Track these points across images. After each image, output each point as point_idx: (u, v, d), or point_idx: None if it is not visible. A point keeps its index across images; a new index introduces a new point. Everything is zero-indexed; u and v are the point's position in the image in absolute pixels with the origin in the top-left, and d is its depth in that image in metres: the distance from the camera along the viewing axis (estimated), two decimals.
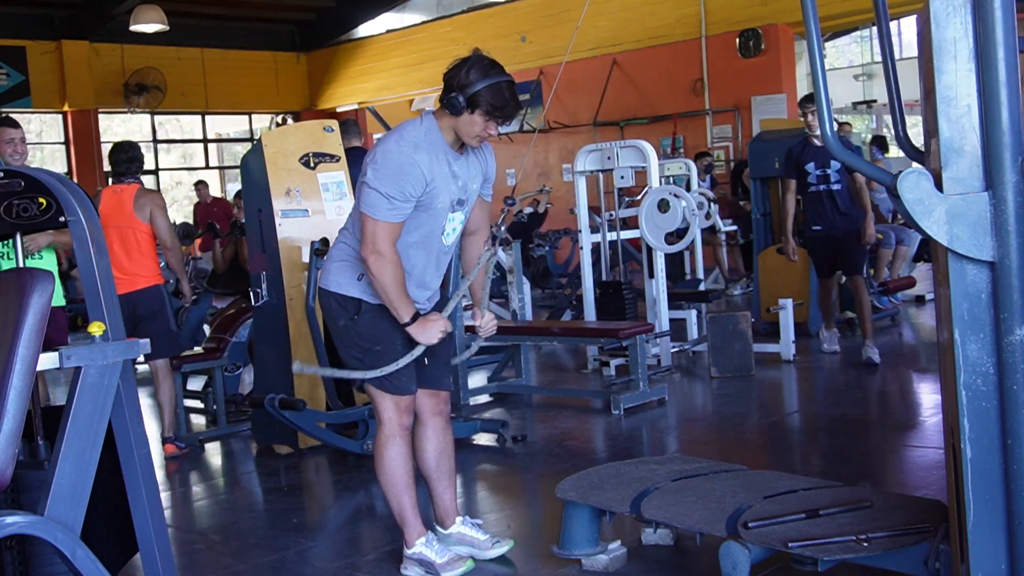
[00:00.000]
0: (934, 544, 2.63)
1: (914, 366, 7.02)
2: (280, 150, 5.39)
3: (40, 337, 2.36)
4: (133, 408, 2.65)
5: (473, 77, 3.15)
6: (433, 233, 3.33)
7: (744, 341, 6.58)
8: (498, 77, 3.18)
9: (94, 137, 16.49)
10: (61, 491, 2.40)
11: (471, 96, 3.15)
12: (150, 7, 14.63)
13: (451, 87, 3.19)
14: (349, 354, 3.38)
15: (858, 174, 6.62)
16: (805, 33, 2.20)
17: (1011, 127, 1.98)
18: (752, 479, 3.43)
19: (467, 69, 3.17)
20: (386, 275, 3.19)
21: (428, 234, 3.32)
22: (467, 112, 3.18)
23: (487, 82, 3.15)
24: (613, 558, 3.34)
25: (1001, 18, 1.97)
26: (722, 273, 11.45)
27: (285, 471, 5.12)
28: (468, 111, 3.18)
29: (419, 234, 3.30)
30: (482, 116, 3.20)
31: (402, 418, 3.38)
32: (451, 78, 3.20)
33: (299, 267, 5.29)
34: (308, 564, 3.71)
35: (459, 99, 3.16)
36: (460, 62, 3.21)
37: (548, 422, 5.84)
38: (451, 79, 3.20)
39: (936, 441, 4.72)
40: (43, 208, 2.62)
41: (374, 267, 3.18)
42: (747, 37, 13.22)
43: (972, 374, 2.06)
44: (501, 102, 3.18)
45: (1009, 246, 2.00)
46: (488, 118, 3.20)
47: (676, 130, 14.13)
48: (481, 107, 3.17)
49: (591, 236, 7.44)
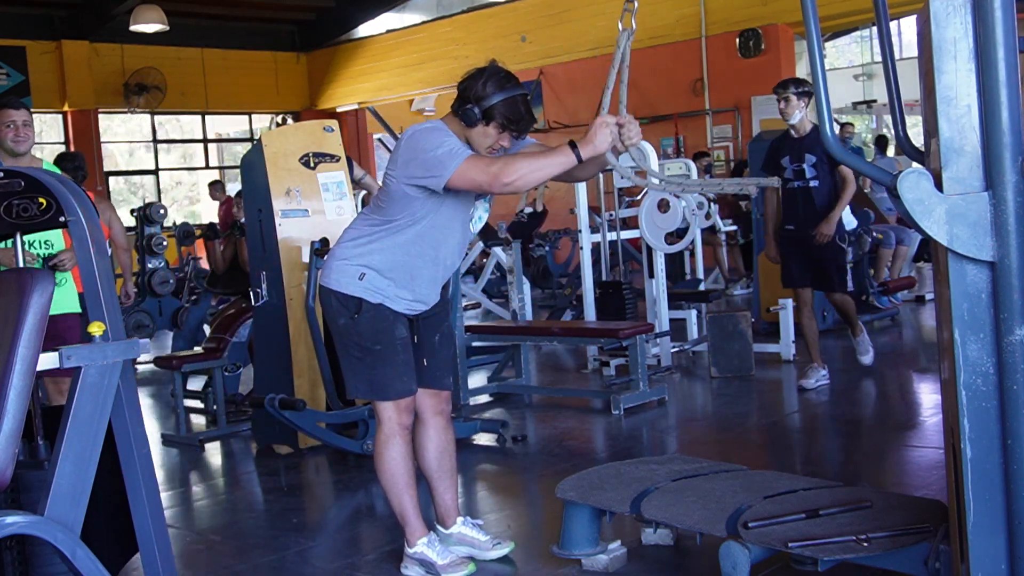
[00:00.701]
0: (934, 544, 2.63)
1: (914, 366, 7.02)
2: (280, 150, 5.39)
3: (40, 337, 2.36)
4: (133, 408, 2.65)
5: (490, 90, 3.15)
6: (462, 217, 3.34)
7: (744, 341, 6.58)
8: (515, 91, 3.18)
9: (94, 137, 16.48)
10: (61, 491, 2.40)
11: (487, 109, 3.15)
12: (150, 7, 14.64)
13: (466, 98, 3.18)
14: (349, 353, 3.38)
15: (843, 167, 5.97)
16: (805, 33, 2.20)
17: (1011, 127, 1.98)
18: (752, 479, 3.43)
19: (484, 81, 3.16)
20: (523, 167, 3.07)
21: (459, 217, 3.32)
22: (481, 124, 3.19)
23: (504, 95, 3.15)
24: (613, 558, 3.34)
25: (1001, 18, 1.97)
26: (722, 273, 11.45)
27: (285, 471, 5.12)
28: (483, 123, 3.18)
29: (449, 215, 3.29)
30: (496, 129, 3.20)
31: (402, 417, 3.38)
32: (467, 89, 3.19)
33: (299, 267, 5.29)
34: (308, 564, 3.71)
35: (475, 111, 3.16)
36: (476, 73, 3.20)
37: (548, 422, 5.84)
38: (467, 90, 3.19)
39: (936, 441, 4.71)
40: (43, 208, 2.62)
41: (513, 177, 3.05)
42: (747, 37, 13.22)
43: (972, 374, 2.06)
44: (516, 116, 3.19)
45: (1009, 246, 2.00)
46: (502, 131, 3.21)
47: (676, 130, 14.13)
48: (496, 120, 3.17)
49: (591, 236, 7.44)
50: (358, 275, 3.32)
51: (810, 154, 5.98)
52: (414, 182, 3.18)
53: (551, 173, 3.10)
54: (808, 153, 5.99)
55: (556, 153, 3.09)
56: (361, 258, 3.32)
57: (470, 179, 3.10)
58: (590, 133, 3.02)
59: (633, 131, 3.03)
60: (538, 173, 3.10)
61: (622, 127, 3.02)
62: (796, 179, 6.04)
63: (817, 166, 5.98)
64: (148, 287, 9.04)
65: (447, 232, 3.31)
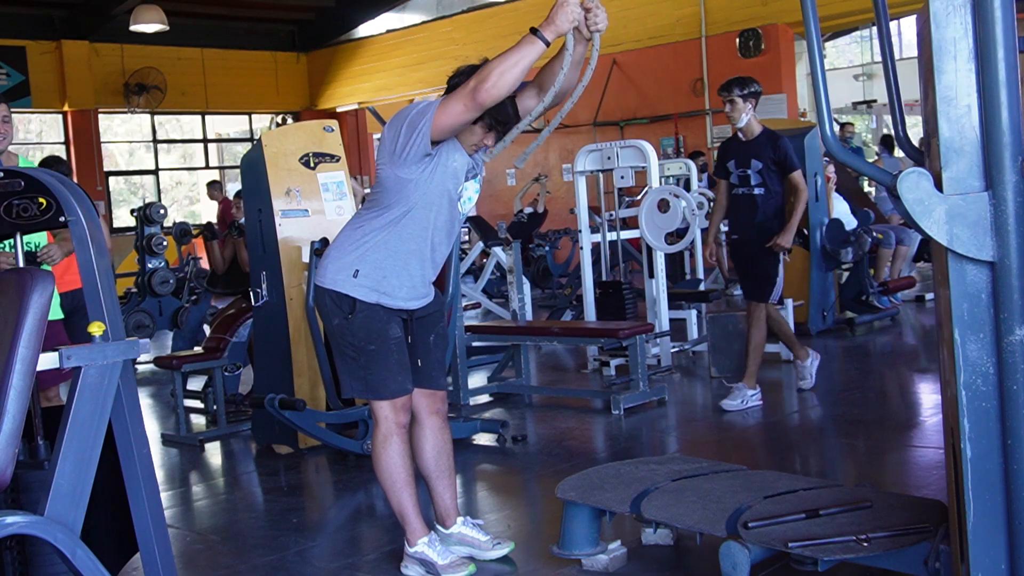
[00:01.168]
0: (934, 544, 2.64)
1: (914, 366, 7.02)
2: (280, 150, 5.39)
3: (40, 337, 2.36)
4: (133, 408, 2.65)
5: None
6: (451, 196, 3.32)
7: (744, 341, 6.57)
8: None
9: (94, 137, 16.49)
10: (61, 491, 2.40)
11: None
12: (150, 7, 14.64)
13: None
14: (344, 353, 3.38)
15: (795, 175, 5.57)
16: (805, 33, 2.20)
17: (1011, 127, 1.98)
18: (752, 479, 3.43)
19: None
20: (494, 72, 2.97)
21: (447, 195, 3.31)
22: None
23: None
24: (613, 558, 3.34)
25: (1001, 18, 1.97)
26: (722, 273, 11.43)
27: (285, 471, 5.12)
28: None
29: (439, 193, 3.28)
30: (482, 128, 3.21)
31: (398, 416, 3.37)
32: (456, 85, 3.19)
33: (299, 267, 5.29)
34: (308, 564, 3.71)
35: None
36: (468, 70, 3.19)
37: (548, 422, 5.84)
38: (456, 86, 3.19)
39: (936, 441, 4.71)
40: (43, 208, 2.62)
41: (489, 84, 2.97)
42: (747, 37, 13.22)
43: (972, 374, 2.06)
44: (504, 118, 3.19)
45: (1009, 246, 2.00)
46: (488, 130, 3.21)
47: (676, 130, 14.13)
48: (483, 120, 3.18)
49: (591, 236, 7.44)
50: (352, 272, 3.31)
51: (756, 160, 5.58)
52: (406, 152, 3.16)
53: (525, 65, 2.98)
54: (755, 159, 5.59)
55: (521, 44, 2.99)
56: (355, 253, 3.32)
57: (454, 111, 3.05)
58: (552, 12, 2.96)
59: (600, 16, 2.97)
60: (513, 70, 2.98)
61: (589, 11, 2.97)
62: (741, 185, 5.67)
63: (763, 173, 5.57)
64: (148, 287, 9.03)
65: (436, 212, 3.30)
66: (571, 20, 2.95)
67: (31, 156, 16.92)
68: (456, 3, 17.12)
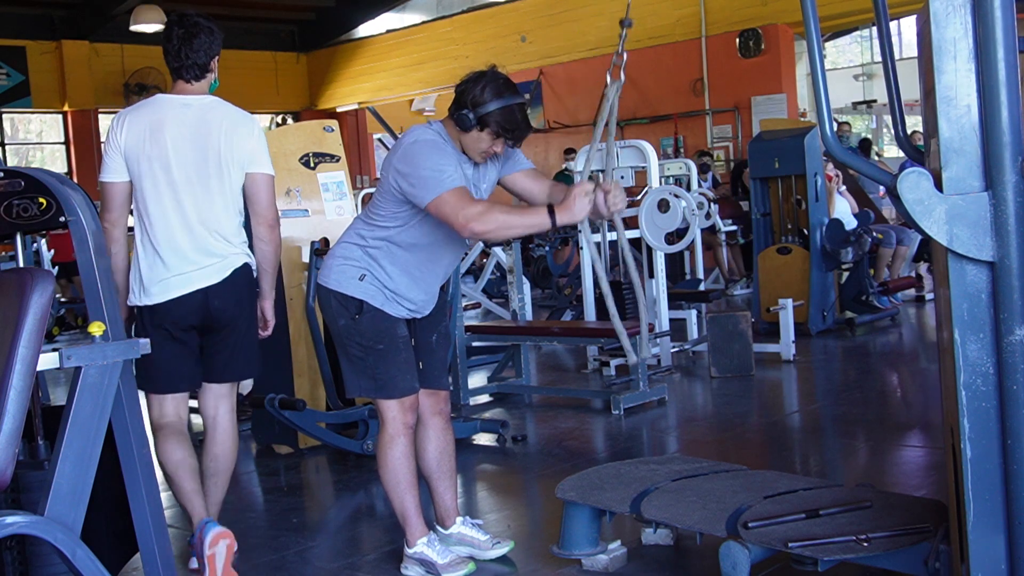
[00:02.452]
0: (934, 544, 2.63)
1: (914, 366, 7.02)
2: (280, 150, 5.39)
3: (40, 337, 2.36)
4: (133, 408, 2.65)
5: (487, 96, 3.14)
6: None
7: (744, 341, 6.58)
8: (512, 99, 3.17)
9: (94, 137, 16.47)
10: (61, 491, 2.40)
11: (482, 115, 3.15)
12: (150, 7, 14.63)
13: (463, 103, 3.18)
14: (350, 353, 3.37)
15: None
16: (805, 33, 2.20)
17: (1011, 127, 1.99)
18: (752, 479, 3.43)
19: (482, 87, 3.16)
20: (496, 221, 3.07)
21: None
22: (476, 129, 3.18)
23: (500, 103, 3.14)
24: (613, 558, 3.33)
25: (1001, 18, 1.97)
26: (722, 273, 11.45)
27: (285, 471, 5.12)
28: (477, 128, 3.18)
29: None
30: (491, 135, 3.20)
31: (406, 416, 3.37)
32: (464, 93, 3.19)
33: (299, 267, 5.29)
34: (308, 564, 3.71)
35: (470, 116, 3.16)
36: (476, 77, 3.19)
37: (548, 422, 5.84)
38: (464, 94, 3.18)
39: (936, 441, 4.71)
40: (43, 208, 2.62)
41: (484, 228, 3.06)
42: (747, 37, 13.22)
43: (972, 374, 2.06)
44: (512, 124, 3.18)
45: (1009, 246, 2.00)
46: (496, 137, 3.21)
47: (676, 130, 14.13)
48: (491, 127, 3.17)
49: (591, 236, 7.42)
50: (358, 276, 3.31)
51: None
52: (402, 192, 3.19)
53: (521, 233, 3.20)
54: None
55: (532, 214, 3.15)
56: (362, 259, 3.32)
57: (445, 214, 3.09)
58: (568, 200, 3.09)
59: (619, 198, 3.15)
60: (508, 231, 3.20)
61: (608, 193, 3.12)
62: None
63: None
64: None
65: (446, 229, 3.30)
66: (587, 212, 3.11)
67: (31, 156, 16.86)
68: (456, 3, 17.12)
